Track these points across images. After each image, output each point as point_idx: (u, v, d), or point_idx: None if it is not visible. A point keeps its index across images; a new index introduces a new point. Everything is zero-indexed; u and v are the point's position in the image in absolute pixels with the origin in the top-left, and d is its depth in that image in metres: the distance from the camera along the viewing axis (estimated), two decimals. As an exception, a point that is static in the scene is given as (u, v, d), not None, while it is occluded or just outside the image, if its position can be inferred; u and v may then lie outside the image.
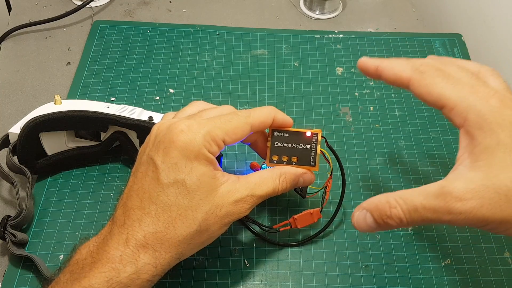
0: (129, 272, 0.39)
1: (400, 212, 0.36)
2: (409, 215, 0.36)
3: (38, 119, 0.52)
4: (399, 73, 0.41)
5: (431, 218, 0.36)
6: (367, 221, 0.38)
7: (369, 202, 0.39)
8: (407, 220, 0.37)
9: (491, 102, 0.37)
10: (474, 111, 0.37)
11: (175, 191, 0.41)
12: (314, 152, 0.47)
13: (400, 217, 0.37)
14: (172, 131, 0.41)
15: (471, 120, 0.36)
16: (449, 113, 0.38)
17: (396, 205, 0.37)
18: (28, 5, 0.78)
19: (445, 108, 0.38)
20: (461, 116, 0.37)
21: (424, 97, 0.40)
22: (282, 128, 0.48)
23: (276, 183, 0.45)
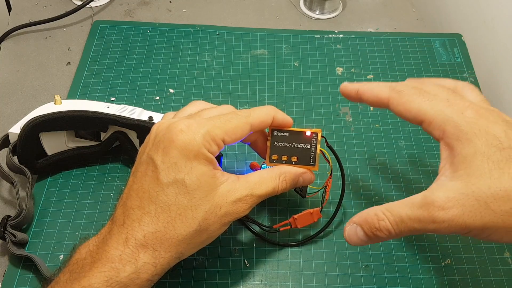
0: (128, 272, 0.39)
1: (388, 224, 0.38)
2: (396, 227, 0.38)
3: (38, 119, 0.52)
4: (378, 94, 0.43)
5: (417, 228, 0.37)
6: (358, 235, 0.40)
7: (359, 216, 0.40)
8: (395, 232, 0.38)
9: (467, 113, 0.38)
10: (451, 123, 0.38)
11: (175, 191, 0.41)
12: (314, 152, 0.47)
13: (388, 229, 0.38)
14: (172, 131, 0.41)
15: (449, 132, 0.38)
16: (428, 127, 0.40)
17: (384, 217, 0.38)
18: (28, 5, 0.78)
19: (423, 123, 0.40)
20: (440, 129, 0.39)
21: (403, 114, 0.41)
22: (282, 128, 0.48)
23: (275, 182, 0.45)
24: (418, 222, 0.37)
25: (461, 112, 0.39)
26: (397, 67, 0.71)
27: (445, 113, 0.39)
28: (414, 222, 0.37)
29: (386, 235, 0.39)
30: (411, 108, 0.41)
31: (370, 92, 0.44)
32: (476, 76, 0.70)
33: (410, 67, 0.71)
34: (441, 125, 0.39)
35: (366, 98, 0.44)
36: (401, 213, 0.38)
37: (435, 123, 0.39)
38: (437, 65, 0.71)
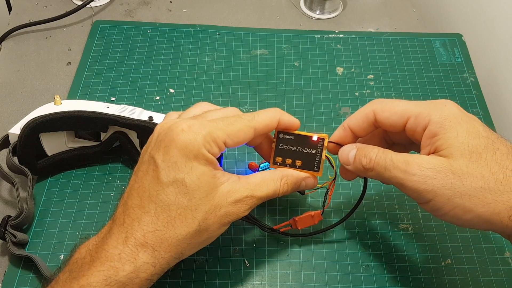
0: (127, 271, 0.39)
1: (374, 154, 0.43)
2: (377, 159, 0.43)
3: (38, 120, 0.52)
4: (363, 113, 0.46)
5: (390, 170, 0.42)
6: (350, 154, 0.45)
7: (362, 144, 0.46)
8: (373, 164, 0.43)
9: (448, 107, 0.43)
10: (436, 113, 0.42)
11: (175, 190, 0.41)
12: (319, 157, 0.47)
13: (371, 158, 0.43)
14: (173, 130, 0.41)
15: (434, 121, 0.42)
16: (415, 121, 0.43)
17: (376, 150, 0.44)
18: (28, 5, 0.78)
19: (410, 119, 0.43)
20: (426, 119, 0.42)
21: (389, 118, 0.45)
22: (289, 131, 0.47)
23: (277, 185, 0.45)
24: (394, 166, 0.42)
25: (444, 105, 0.43)
26: (397, 67, 0.71)
27: (430, 107, 0.43)
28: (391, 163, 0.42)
29: (366, 163, 0.44)
30: (397, 110, 0.44)
31: (355, 119, 0.47)
32: (476, 76, 0.70)
33: (410, 67, 0.71)
34: (427, 116, 0.42)
35: (354, 127, 0.47)
36: (388, 153, 0.43)
37: (421, 115, 0.43)
38: (437, 65, 0.71)
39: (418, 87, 0.68)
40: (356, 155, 0.45)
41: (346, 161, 0.46)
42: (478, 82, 0.69)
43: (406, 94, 0.67)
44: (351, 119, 0.47)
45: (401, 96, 0.67)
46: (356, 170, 0.45)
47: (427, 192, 0.40)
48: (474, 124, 0.42)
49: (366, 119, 0.46)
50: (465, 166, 0.40)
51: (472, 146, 0.40)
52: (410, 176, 0.41)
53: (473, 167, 0.40)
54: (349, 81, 0.69)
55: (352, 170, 0.46)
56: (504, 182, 0.39)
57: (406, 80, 0.69)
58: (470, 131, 0.41)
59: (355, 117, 0.47)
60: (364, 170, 0.44)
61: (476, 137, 0.41)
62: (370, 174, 0.44)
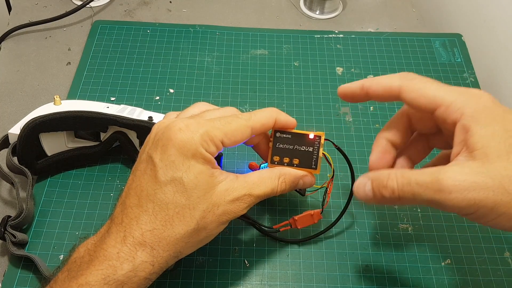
0: (126, 270, 0.39)
1: (395, 183, 0.39)
2: (401, 188, 0.38)
3: (38, 120, 0.52)
4: (388, 84, 0.42)
5: (422, 194, 0.37)
6: (366, 189, 0.41)
7: (373, 172, 0.41)
8: (399, 193, 0.38)
9: (483, 100, 0.39)
10: (469, 106, 0.38)
11: (173, 189, 0.41)
12: (316, 155, 0.47)
13: (393, 188, 0.39)
14: (171, 130, 0.41)
15: (467, 114, 0.38)
16: (445, 112, 0.39)
17: (394, 177, 0.39)
18: (28, 5, 0.78)
19: (440, 107, 0.40)
20: (458, 112, 0.39)
21: (417, 101, 0.41)
22: (285, 129, 0.47)
23: (275, 183, 0.45)
24: (425, 188, 0.37)
25: (479, 97, 0.39)
26: (397, 67, 0.71)
27: (463, 97, 0.39)
28: (420, 188, 0.37)
29: (390, 195, 0.39)
30: (427, 94, 0.40)
31: (378, 85, 0.43)
32: (476, 76, 0.70)
33: (410, 67, 0.71)
34: (460, 108, 0.39)
35: (374, 91, 0.43)
36: (410, 177, 0.38)
37: (454, 106, 0.39)
38: (437, 65, 0.71)
39: (418, 87, 0.68)
40: (373, 188, 0.40)
41: (365, 197, 0.41)
42: (478, 82, 0.69)
43: (406, 94, 0.67)
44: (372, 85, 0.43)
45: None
46: (381, 203, 0.42)
47: (468, 207, 0.36)
48: (511, 119, 0.38)
49: (388, 93, 0.42)
50: (503, 169, 0.36)
51: (510, 145, 0.36)
52: (447, 195, 0.36)
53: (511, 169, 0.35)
54: (349, 81, 0.68)
55: (377, 204, 0.42)
56: None
57: (406, 80, 0.69)
58: (507, 127, 0.37)
59: (377, 85, 0.43)
60: (390, 202, 0.40)
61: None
62: (399, 203, 0.40)
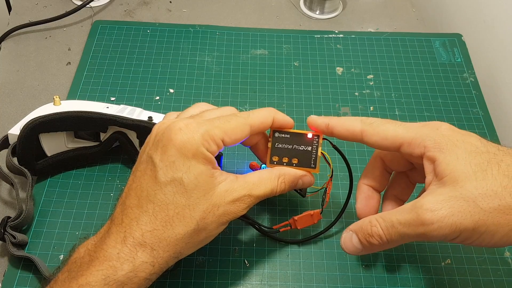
0: (126, 270, 0.39)
1: (380, 229, 0.40)
2: (387, 232, 0.39)
3: (37, 120, 0.52)
4: (351, 127, 0.44)
5: (407, 232, 0.38)
6: (353, 242, 0.42)
7: (355, 224, 0.43)
8: (386, 237, 0.40)
9: (442, 130, 0.41)
10: (430, 138, 0.40)
11: (173, 190, 0.41)
12: (315, 154, 0.47)
13: (380, 234, 0.40)
14: (171, 130, 0.41)
15: (429, 146, 0.40)
16: (408, 148, 0.41)
17: (376, 223, 0.40)
18: (28, 5, 0.78)
19: (402, 146, 0.42)
20: (420, 146, 0.40)
21: (379, 143, 0.43)
22: (283, 129, 0.47)
23: (274, 184, 0.45)
24: (408, 226, 0.38)
25: (436, 128, 0.41)
26: (397, 67, 0.71)
27: (422, 131, 0.41)
28: (404, 227, 0.38)
29: (378, 242, 0.40)
30: (388, 135, 0.42)
31: (342, 127, 0.45)
32: (476, 76, 0.70)
33: (410, 67, 0.71)
34: (421, 142, 0.40)
35: (337, 132, 0.45)
36: (392, 218, 0.39)
37: (415, 141, 0.41)
38: (437, 65, 0.71)
39: (417, 87, 0.68)
40: (360, 239, 0.42)
41: (355, 250, 0.42)
42: (478, 82, 0.69)
43: (406, 94, 0.67)
44: (336, 126, 0.45)
45: (401, 96, 0.67)
46: (373, 251, 0.42)
47: (452, 233, 0.37)
48: (471, 141, 0.40)
49: (352, 135, 0.44)
50: (474, 188, 0.37)
51: (475, 165, 0.38)
52: (430, 226, 0.37)
53: (482, 186, 0.37)
54: (349, 81, 0.69)
55: (368, 253, 0.43)
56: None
57: (405, 80, 0.69)
58: (468, 150, 0.39)
59: (341, 126, 0.45)
60: (380, 248, 0.41)
61: (476, 155, 0.38)
62: (389, 247, 0.41)
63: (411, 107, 0.66)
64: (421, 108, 0.66)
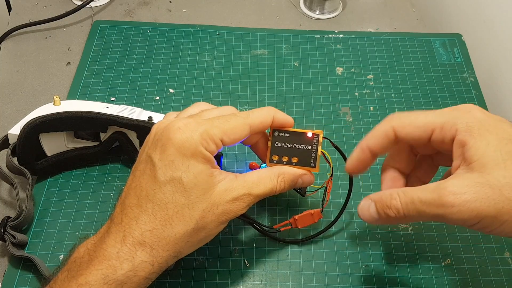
0: (125, 270, 0.39)
1: (399, 203, 0.40)
2: (405, 206, 0.39)
3: (37, 120, 0.52)
4: (383, 132, 0.43)
5: (426, 211, 0.38)
6: (370, 211, 0.42)
7: (375, 194, 0.42)
8: (404, 211, 0.39)
9: (474, 113, 0.40)
10: (462, 121, 0.39)
11: (172, 189, 0.41)
12: (314, 153, 0.47)
13: (398, 208, 0.40)
14: (170, 129, 0.41)
15: (461, 129, 0.39)
16: (441, 133, 0.40)
17: (397, 196, 0.40)
18: (28, 5, 0.78)
19: (435, 132, 0.41)
20: (452, 129, 0.40)
21: (412, 133, 0.42)
22: (283, 128, 0.47)
23: (274, 182, 0.45)
24: (428, 205, 0.38)
25: (468, 111, 0.40)
26: (397, 67, 0.71)
27: (453, 114, 0.40)
28: (423, 205, 0.38)
29: (395, 214, 0.40)
30: (419, 123, 0.42)
31: (374, 138, 0.44)
32: (476, 76, 0.70)
33: (410, 67, 0.71)
34: (453, 126, 0.40)
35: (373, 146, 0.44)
36: (413, 195, 0.39)
37: (447, 125, 0.40)
38: (437, 65, 0.71)
39: (418, 87, 0.68)
40: (378, 209, 0.41)
41: (371, 219, 0.42)
42: (478, 82, 0.69)
43: (406, 94, 0.67)
44: (369, 139, 0.44)
45: (401, 96, 0.67)
46: (387, 223, 0.42)
47: (472, 218, 0.37)
48: (504, 127, 0.39)
49: (386, 137, 0.43)
50: (502, 177, 0.36)
51: (506, 153, 0.37)
52: (450, 209, 0.37)
53: (510, 176, 0.36)
54: (349, 81, 0.69)
55: (382, 224, 0.43)
56: None
57: (405, 80, 0.69)
58: (500, 136, 0.38)
59: (373, 136, 0.44)
60: (396, 221, 0.41)
61: (508, 142, 0.38)
62: (405, 221, 0.41)
63: (411, 107, 0.66)
64: (421, 108, 0.66)
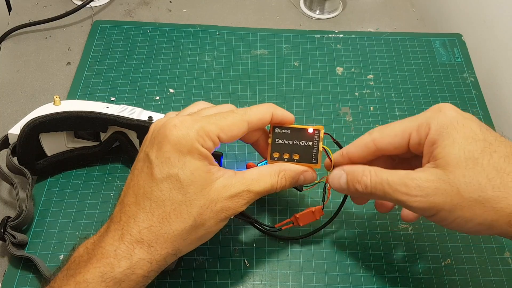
0: (123, 268, 0.39)
1: (368, 181, 0.43)
2: (374, 185, 0.42)
3: (37, 120, 0.52)
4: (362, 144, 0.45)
5: (391, 194, 0.41)
6: (340, 181, 0.45)
7: (350, 166, 0.45)
8: (371, 190, 0.43)
9: (445, 112, 0.42)
10: (434, 121, 0.42)
11: (169, 186, 0.41)
12: (316, 149, 0.46)
13: (366, 184, 0.43)
14: (166, 127, 0.41)
15: (433, 129, 0.41)
16: (417, 136, 0.42)
17: (368, 174, 0.43)
18: (28, 5, 0.78)
19: (412, 135, 0.43)
20: (426, 129, 0.42)
21: (391, 142, 0.44)
22: (284, 125, 0.47)
23: (274, 179, 0.44)
24: (394, 189, 0.41)
25: (439, 110, 0.42)
26: (397, 67, 0.71)
27: (427, 115, 0.43)
28: (390, 188, 0.41)
29: (362, 190, 0.43)
30: (396, 131, 0.44)
31: (355, 149, 0.46)
32: (476, 76, 0.70)
33: (410, 67, 0.71)
34: (426, 126, 0.42)
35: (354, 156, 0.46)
36: (383, 176, 0.42)
37: (421, 127, 0.42)
38: (437, 65, 0.71)
39: (418, 87, 0.68)
40: (348, 181, 0.44)
41: (339, 188, 0.45)
42: (478, 82, 0.69)
43: (406, 94, 0.67)
44: (349, 147, 0.46)
45: (401, 96, 0.67)
46: (353, 195, 0.45)
47: (430, 209, 0.40)
48: (471, 126, 0.41)
49: (366, 149, 0.45)
50: (462, 176, 0.39)
51: (468, 152, 0.39)
52: (413, 198, 0.40)
53: (469, 175, 0.39)
54: (349, 81, 0.69)
55: (349, 195, 0.45)
56: (501, 188, 0.39)
57: (406, 80, 0.69)
58: (466, 135, 0.40)
59: (354, 145, 0.46)
60: (361, 196, 0.44)
61: (472, 142, 0.40)
62: (370, 198, 0.44)
63: (411, 107, 0.66)
64: (421, 108, 0.66)
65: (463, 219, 0.40)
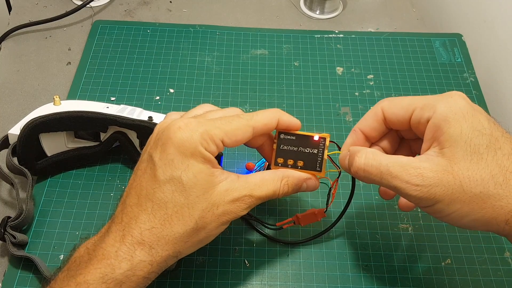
0: (124, 269, 0.39)
1: (361, 162, 0.42)
2: (368, 168, 0.42)
3: (37, 120, 0.52)
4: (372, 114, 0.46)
5: (389, 181, 0.41)
6: (346, 161, 0.44)
7: (354, 147, 0.45)
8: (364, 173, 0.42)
9: (455, 99, 0.41)
10: (442, 103, 0.41)
11: (171, 188, 0.41)
12: (320, 157, 0.46)
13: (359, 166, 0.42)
14: (170, 129, 0.41)
15: (438, 112, 0.40)
16: (419, 113, 0.42)
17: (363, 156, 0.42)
18: (28, 5, 0.78)
19: (415, 111, 0.42)
20: (430, 111, 0.41)
21: (396, 113, 0.44)
22: (290, 131, 0.47)
23: (277, 185, 0.44)
24: (393, 177, 0.40)
25: (450, 96, 0.41)
26: (397, 67, 0.71)
27: (436, 98, 0.42)
28: (389, 175, 0.40)
29: (354, 171, 0.43)
30: (403, 103, 0.43)
31: (365, 120, 0.46)
32: (476, 76, 0.70)
33: (410, 67, 0.71)
34: (432, 106, 0.41)
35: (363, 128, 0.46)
36: (382, 161, 0.41)
37: (427, 106, 0.41)
38: (437, 65, 0.71)
39: (418, 87, 0.68)
40: (348, 162, 0.44)
41: (346, 169, 0.45)
42: (478, 82, 0.69)
43: (406, 94, 0.67)
44: (361, 122, 0.46)
45: (401, 96, 0.67)
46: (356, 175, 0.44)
47: (428, 200, 0.39)
48: (480, 118, 0.40)
49: (376, 117, 0.45)
50: (466, 169, 0.39)
51: (475, 145, 0.39)
52: (413, 186, 0.39)
53: (473, 169, 0.38)
54: (349, 81, 0.69)
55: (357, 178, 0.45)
56: (503, 186, 0.38)
57: (406, 80, 0.69)
58: (474, 127, 0.39)
59: (364, 118, 0.46)
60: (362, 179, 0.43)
61: (479, 135, 0.39)
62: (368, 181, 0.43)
63: (411, 107, 0.66)
64: (421, 108, 0.66)
65: (460, 213, 0.39)
